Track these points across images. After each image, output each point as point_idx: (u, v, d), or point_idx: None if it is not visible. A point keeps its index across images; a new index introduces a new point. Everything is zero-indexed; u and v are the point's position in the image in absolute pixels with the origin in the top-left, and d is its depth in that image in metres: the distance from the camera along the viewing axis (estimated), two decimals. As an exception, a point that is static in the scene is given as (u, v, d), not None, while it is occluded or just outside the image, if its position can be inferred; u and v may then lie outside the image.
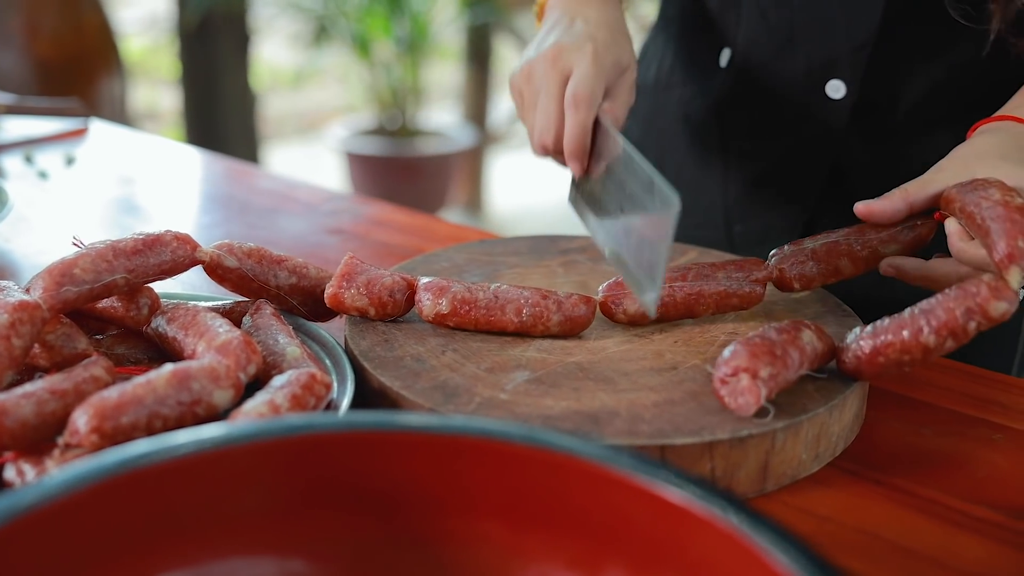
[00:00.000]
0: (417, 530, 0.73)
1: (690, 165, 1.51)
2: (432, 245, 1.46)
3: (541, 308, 1.04)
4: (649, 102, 1.55)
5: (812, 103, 1.34)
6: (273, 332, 1.00)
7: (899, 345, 0.94)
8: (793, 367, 0.93)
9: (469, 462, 0.71)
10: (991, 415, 1.06)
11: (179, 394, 0.85)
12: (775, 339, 0.94)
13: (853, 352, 0.96)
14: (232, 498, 0.69)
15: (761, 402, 0.89)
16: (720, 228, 1.48)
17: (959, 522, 0.89)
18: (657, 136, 1.54)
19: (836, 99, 1.32)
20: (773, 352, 0.92)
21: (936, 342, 0.92)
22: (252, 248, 1.07)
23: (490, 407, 0.92)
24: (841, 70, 1.30)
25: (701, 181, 1.50)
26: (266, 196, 1.70)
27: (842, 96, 1.31)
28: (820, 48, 1.31)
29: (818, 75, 1.32)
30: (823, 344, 0.97)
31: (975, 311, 0.90)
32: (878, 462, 0.97)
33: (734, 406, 0.91)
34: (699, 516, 0.64)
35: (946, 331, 0.91)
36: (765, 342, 0.93)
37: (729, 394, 0.91)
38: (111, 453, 0.64)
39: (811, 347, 0.96)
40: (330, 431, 0.71)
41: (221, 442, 0.67)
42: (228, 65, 4.54)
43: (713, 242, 1.46)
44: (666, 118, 1.52)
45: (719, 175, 1.47)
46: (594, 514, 0.69)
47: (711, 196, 1.48)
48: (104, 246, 0.97)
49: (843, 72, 1.30)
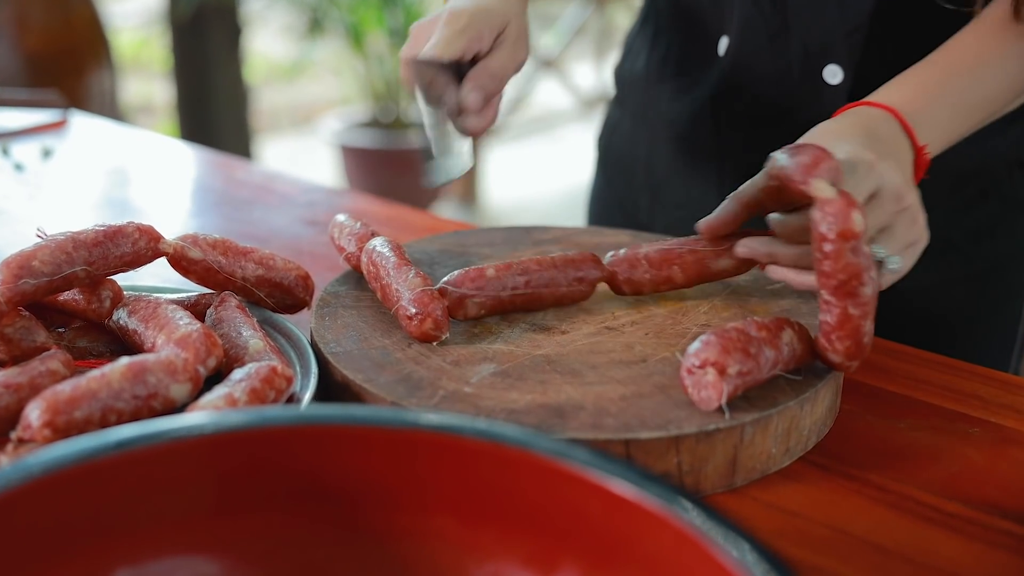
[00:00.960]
0: (370, 526, 0.71)
1: (685, 156, 1.49)
2: (408, 236, 1.44)
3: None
4: (640, 94, 1.53)
5: (810, 89, 1.32)
6: (236, 324, 0.98)
7: (859, 317, 0.91)
8: (766, 367, 0.91)
9: (421, 457, 0.70)
10: (970, 409, 1.05)
11: (134, 388, 0.83)
12: (753, 335, 0.91)
13: (843, 357, 0.94)
14: (176, 495, 0.67)
15: (722, 400, 0.87)
16: None
17: (931, 518, 0.87)
18: (649, 128, 1.53)
19: (834, 84, 1.30)
20: (747, 350, 0.90)
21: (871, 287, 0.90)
22: (217, 239, 1.05)
23: (454, 401, 0.90)
24: (838, 54, 1.28)
25: (697, 171, 1.48)
26: (244, 188, 1.69)
27: (840, 81, 1.29)
28: (815, 32, 1.29)
29: (815, 60, 1.30)
30: (803, 346, 0.95)
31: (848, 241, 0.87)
32: (851, 456, 0.96)
33: (696, 398, 0.89)
34: (653, 513, 0.63)
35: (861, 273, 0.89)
36: (741, 337, 0.91)
37: (693, 385, 0.89)
38: (50, 449, 0.63)
39: (789, 348, 0.93)
40: (279, 425, 0.69)
41: (164, 437, 0.66)
42: (220, 58, 4.52)
43: None
44: (661, 109, 1.50)
45: (715, 166, 1.45)
46: (548, 511, 0.68)
47: (707, 187, 1.46)
48: (64, 238, 0.96)
49: (840, 56, 1.28)
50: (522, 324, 1.05)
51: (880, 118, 1.06)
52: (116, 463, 0.64)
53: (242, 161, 1.84)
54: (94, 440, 0.64)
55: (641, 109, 1.54)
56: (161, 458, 0.66)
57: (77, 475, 0.63)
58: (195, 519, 0.68)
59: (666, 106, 1.49)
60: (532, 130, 6.80)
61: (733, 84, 1.40)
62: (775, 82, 1.36)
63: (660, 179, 1.54)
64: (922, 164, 1.06)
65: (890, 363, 1.13)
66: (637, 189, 1.57)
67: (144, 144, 1.93)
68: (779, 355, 0.92)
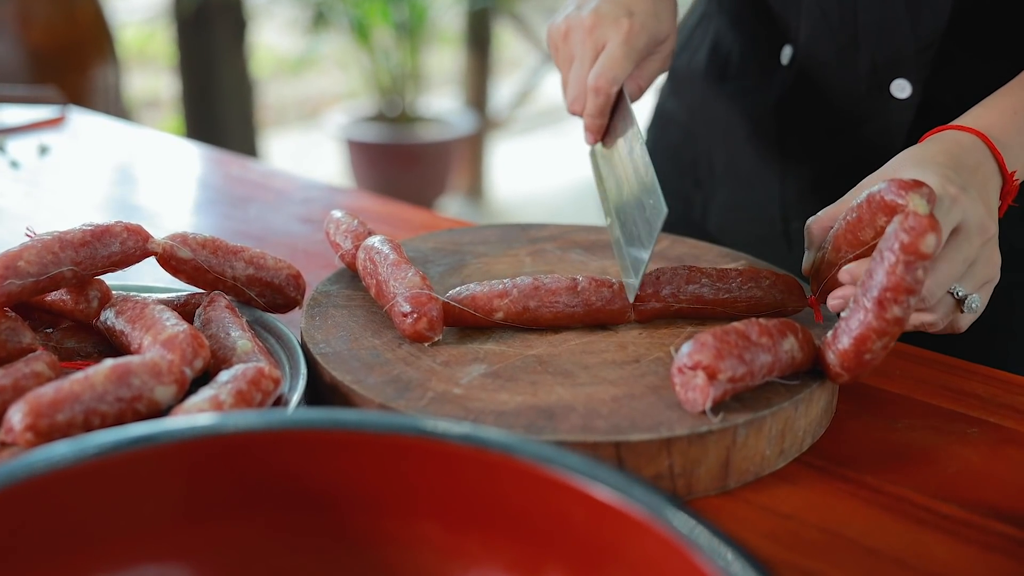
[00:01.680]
0: (353, 532, 0.71)
1: (746, 159, 1.47)
2: (404, 234, 1.43)
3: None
4: (699, 90, 1.52)
5: (876, 102, 1.30)
6: (225, 325, 0.97)
7: (874, 330, 0.89)
8: (760, 373, 0.89)
9: (405, 461, 0.69)
10: (968, 408, 1.03)
11: (118, 390, 0.82)
12: (753, 339, 0.89)
13: (838, 358, 0.92)
14: (152, 501, 0.66)
15: (707, 405, 0.86)
16: (776, 223, 1.44)
17: (926, 520, 0.86)
18: (708, 126, 1.51)
19: (901, 99, 1.27)
20: (742, 356, 0.88)
21: (902, 310, 0.87)
22: (207, 238, 1.04)
23: (443, 402, 0.89)
24: (907, 69, 1.26)
25: (757, 176, 1.46)
26: (240, 185, 1.68)
27: (908, 95, 1.27)
28: (885, 47, 1.26)
29: (883, 74, 1.28)
30: (804, 354, 0.93)
31: (911, 258, 0.85)
32: (846, 458, 0.94)
33: (682, 398, 0.88)
34: (638, 520, 0.62)
35: (902, 292, 0.87)
36: (740, 341, 0.89)
37: (682, 384, 0.88)
38: (27, 455, 0.62)
39: (789, 355, 0.92)
40: (258, 431, 0.68)
41: (141, 443, 0.65)
42: (225, 52, 4.51)
43: (767, 237, 1.43)
44: (719, 109, 1.48)
45: (777, 171, 1.43)
46: (533, 516, 0.67)
47: (768, 192, 1.44)
48: (51, 237, 0.95)
49: (909, 71, 1.25)
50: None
51: (968, 143, 1.02)
52: (92, 469, 0.63)
53: (239, 157, 1.83)
54: (69, 446, 0.63)
55: (699, 105, 1.52)
56: (137, 464, 0.65)
57: (51, 482, 0.62)
58: (172, 526, 0.67)
59: (725, 107, 1.47)
60: (538, 123, 6.78)
61: (797, 93, 1.37)
62: (840, 94, 1.33)
63: (716, 179, 1.51)
64: (1011, 190, 1.03)
65: (887, 361, 1.11)
66: (690, 185, 1.54)
67: (142, 141, 1.93)
68: (776, 361, 0.91)
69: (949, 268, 0.94)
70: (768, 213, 1.44)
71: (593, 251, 1.23)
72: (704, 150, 1.51)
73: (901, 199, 0.89)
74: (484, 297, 1.02)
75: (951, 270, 0.94)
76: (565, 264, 1.19)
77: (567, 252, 1.23)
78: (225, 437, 0.67)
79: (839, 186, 1.17)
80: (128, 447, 0.64)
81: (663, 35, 1.22)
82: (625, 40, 1.17)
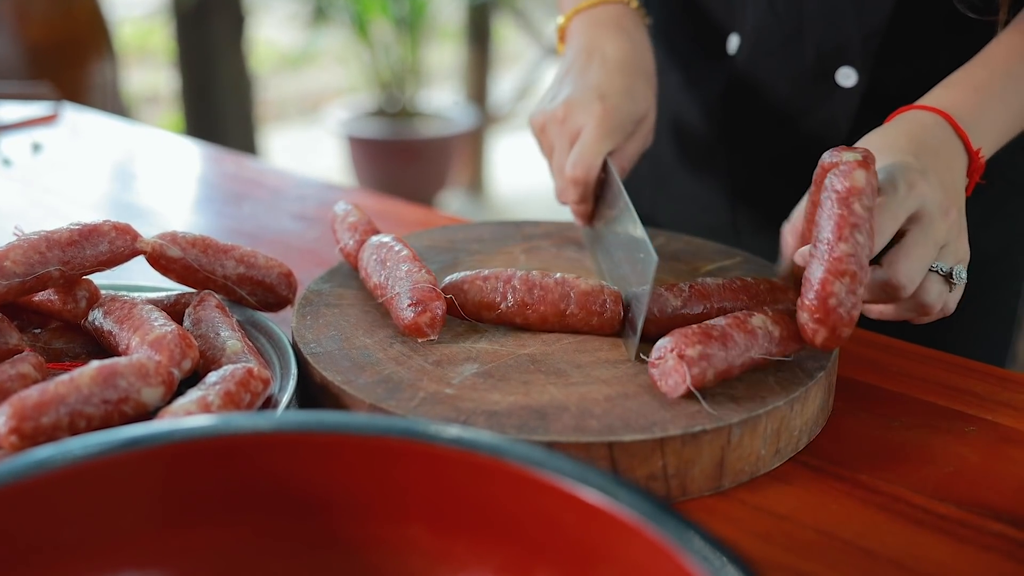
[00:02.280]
0: (340, 536, 0.70)
1: (694, 150, 1.48)
2: (400, 231, 1.42)
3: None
4: None
5: (822, 91, 1.30)
6: (215, 325, 0.96)
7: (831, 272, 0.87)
8: (737, 350, 0.89)
9: (393, 465, 0.68)
10: (966, 406, 1.02)
11: (104, 392, 0.81)
12: (717, 324, 0.91)
13: (808, 313, 0.89)
14: (134, 507, 0.65)
15: (687, 382, 0.86)
16: (727, 212, 1.45)
17: (922, 520, 0.85)
18: (656, 117, 1.50)
19: (847, 87, 1.28)
20: (709, 334, 0.89)
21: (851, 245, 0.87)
22: (197, 237, 1.03)
23: (434, 403, 0.88)
24: (852, 57, 1.26)
25: (705, 168, 1.46)
26: (234, 182, 1.67)
27: (853, 84, 1.27)
28: (830, 35, 1.27)
29: (828, 62, 1.28)
30: (782, 328, 0.93)
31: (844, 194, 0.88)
32: (843, 457, 0.93)
33: (665, 389, 0.88)
34: (628, 524, 0.61)
35: (845, 227, 0.87)
36: (703, 328, 0.90)
37: (660, 376, 0.89)
38: (8, 460, 0.61)
39: (764, 331, 0.91)
40: (242, 433, 0.67)
41: (127, 446, 0.64)
42: (224, 47, 4.49)
43: (718, 227, 1.43)
44: (666, 99, 1.47)
45: (724, 162, 1.44)
46: (522, 520, 0.66)
47: (716, 182, 1.44)
48: (37, 237, 0.94)
49: (854, 59, 1.26)
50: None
51: (932, 124, 1.02)
52: (74, 474, 0.63)
53: (234, 154, 1.82)
54: (51, 451, 0.62)
55: None
56: (120, 468, 0.64)
57: (33, 487, 0.61)
58: (156, 531, 0.66)
59: (673, 97, 1.47)
60: (539, 118, 6.75)
61: (744, 82, 1.38)
62: (787, 82, 1.34)
63: (665, 171, 1.52)
64: (977, 168, 1.03)
65: (884, 359, 1.11)
66: (640, 178, 1.54)
67: (136, 137, 1.92)
68: (752, 339, 0.90)
69: (921, 252, 0.94)
70: (716, 203, 1.44)
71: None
72: (653, 142, 1.52)
73: (836, 157, 0.92)
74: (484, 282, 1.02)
75: (924, 254, 0.94)
76: (560, 262, 1.18)
77: (562, 249, 1.22)
78: (210, 440, 0.66)
79: (786, 175, 1.18)
80: (111, 451, 0.63)
81: (640, 113, 1.19)
82: (598, 125, 1.15)
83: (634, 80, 1.19)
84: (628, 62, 1.21)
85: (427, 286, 0.98)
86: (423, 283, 0.99)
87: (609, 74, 1.18)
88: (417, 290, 0.98)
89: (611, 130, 1.15)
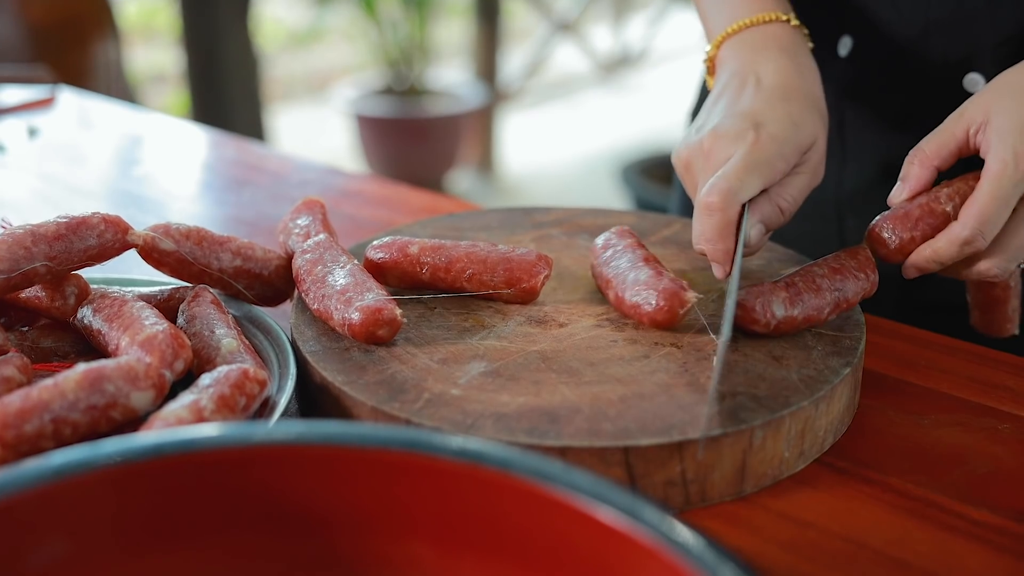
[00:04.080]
0: (342, 554, 0.66)
1: None
2: (403, 218, 1.38)
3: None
4: None
5: (946, 97, 1.18)
6: (210, 322, 0.92)
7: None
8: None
9: (395, 479, 0.64)
10: (998, 402, 0.98)
11: (91, 397, 0.77)
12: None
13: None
14: (128, 524, 0.61)
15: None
16: (831, 221, 1.36)
17: (956, 527, 0.80)
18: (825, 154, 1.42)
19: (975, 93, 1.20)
20: None
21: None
22: (191, 229, 0.99)
23: (439, 404, 0.84)
24: (981, 64, 1.18)
25: None
26: (234, 167, 1.62)
27: None
28: (959, 41, 1.19)
29: (955, 69, 1.20)
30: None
31: None
32: (870, 458, 0.89)
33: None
34: (644, 544, 0.56)
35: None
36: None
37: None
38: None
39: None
40: (239, 446, 0.63)
41: (109, 461, 0.60)
42: (230, 25, 4.43)
43: (821, 235, 1.35)
44: None
45: (834, 167, 1.32)
46: (533, 538, 0.62)
47: (822, 188, 1.35)
48: (23, 231, 0.90)
49: (984, 66, 1.18)
50: (517, 316, 0.98)
51: None
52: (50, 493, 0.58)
53: (236, 138, 1.77)
54: (22, 469, 0.58)
55: None
56: (101, 486, 0.60)
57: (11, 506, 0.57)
58: (141, 553, 0.62)
59: None
60: (549, 95, 6.70)
61: (858, 86, 1.29)
62: (906, 87, 1.25)
63: None
64: None
65: (910, 350, 1.06)
66: None
67: (135, 121, 1.87)
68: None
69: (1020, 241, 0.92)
70: (822, 211, 1.36)
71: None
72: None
73: None
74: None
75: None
76: (571, 250, 1.13)
77: (573, 237, 1.17)
78: (199, 454, 0.62)
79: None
80: (92, 468, 0.59)
81: (804, 142, 1.01)
82: (748, 152, 0.97)
83: (797, 106, 1.02)
84: (789, 86, 1.04)
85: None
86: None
87: (766, 99, 1.02)
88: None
89: (763, 161, 0.97)
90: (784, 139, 0.98)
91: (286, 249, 1.06)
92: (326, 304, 0.93)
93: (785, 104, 1.01)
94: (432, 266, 1.00)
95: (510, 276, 0.99)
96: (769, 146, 0.97)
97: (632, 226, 1.20)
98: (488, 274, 0.99)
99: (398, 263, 1.00)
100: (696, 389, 0.86)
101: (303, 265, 0.98)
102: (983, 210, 0.93)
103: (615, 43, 6.97)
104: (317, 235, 1.03)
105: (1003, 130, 0.95)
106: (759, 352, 0.92)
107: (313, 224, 1.07)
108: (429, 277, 1.00)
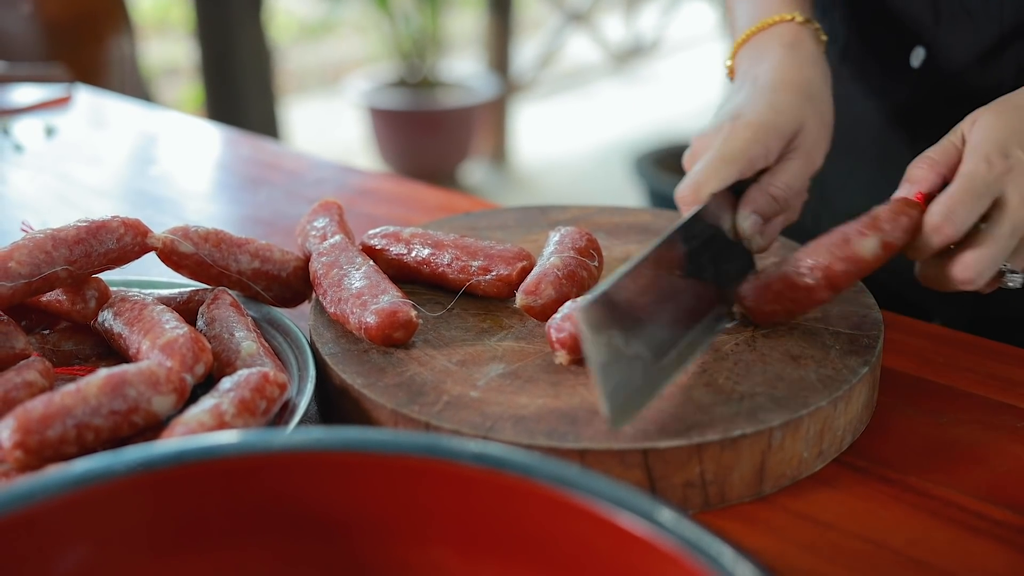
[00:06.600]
0: (364, 559, 0.66)
1: (868, 164, 1.37)
2: (419, 216, 1.38)
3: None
4: None
5: None
6: (229, 324, 0.92)
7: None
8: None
9: (416, 483, 0.64)
10: (1017, 400, 0.97)
11: (113, 402, 0.77)
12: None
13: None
14: (152, 530, 0.62)
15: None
16: None
17: (977, 527, 0.80)
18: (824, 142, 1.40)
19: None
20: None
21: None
22: (210, 231, 0.99)
23: (458, 407, 0.84)
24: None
25: (880, 184, 1.33)
26: (250, 165, 1.63)
27: None
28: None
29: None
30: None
31: None
32: (889, 457, 0.89)
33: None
34: (667, 552, 0.57)
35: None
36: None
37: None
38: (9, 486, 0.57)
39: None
40: (261, 452, 0.64)
41: (139, 467, 0.60)
42: (243, 17, 4.44)
43: None
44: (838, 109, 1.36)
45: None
46: (554, 544, 0.62)
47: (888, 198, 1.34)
48: (43, 235, 0.90)
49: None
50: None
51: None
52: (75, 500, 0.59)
53: (252, 137, 1.77)
54: (48, 478, 0.58)
55: None
56: (126, 493, 0.60)
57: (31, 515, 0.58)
58: (164, 559, 0.62)
59: (847, 109, 1.35)
60: (562, 86, 6.68)
61: (931, 98, 1.27)
62: (982, 100, 1.22)
63: (834, 184, 1.39)
64: None
65: (929, 347, 1.06)
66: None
67: (150, 120, 1.87)
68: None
69: (995, 248, 0.89)
70: None
71: (616, 235, 1.17)
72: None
73: None
74: None
75: (998, 248, 0.89)
76: (588, 249, 1.13)
77: (590, 236, 1.17)
78: (220, 462, 0.63)
79: None
80: (116, 475, 0.59)
81: (787, 127, 1.01)
82: (723, 143, 0.99)
83: (782, 95, 1.03)
84: (783, 79, 1.05)
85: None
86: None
87: (753, 94, 1.04)
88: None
89: (736, 149, 0.99)
90: (759, 125, 1.00)
91: (304, 251, 1.06)
92: (343, 308, 0.93)
93: (770, 94, 1.03)
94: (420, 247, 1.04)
95: (488, 264, 1.01)
96: (742, 133, 0.99)
97: (646, 224, 1.20)
98: (469, 258, 1.02)
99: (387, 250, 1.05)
100: (715, 390, 0.86)
101: (319, 268, 0.98)
102: (951, 196, 0.92)
103: (628, 33, 6.94)
104: (333, 237, 1.03)
105: (977, 141, 0.95)
106: (777, 352, 0.92)
107: (330, 225, 1.07)
108: (415, 262, 1.04)
